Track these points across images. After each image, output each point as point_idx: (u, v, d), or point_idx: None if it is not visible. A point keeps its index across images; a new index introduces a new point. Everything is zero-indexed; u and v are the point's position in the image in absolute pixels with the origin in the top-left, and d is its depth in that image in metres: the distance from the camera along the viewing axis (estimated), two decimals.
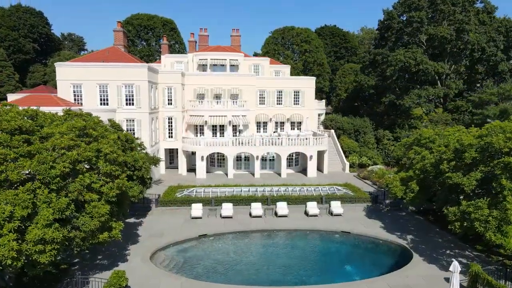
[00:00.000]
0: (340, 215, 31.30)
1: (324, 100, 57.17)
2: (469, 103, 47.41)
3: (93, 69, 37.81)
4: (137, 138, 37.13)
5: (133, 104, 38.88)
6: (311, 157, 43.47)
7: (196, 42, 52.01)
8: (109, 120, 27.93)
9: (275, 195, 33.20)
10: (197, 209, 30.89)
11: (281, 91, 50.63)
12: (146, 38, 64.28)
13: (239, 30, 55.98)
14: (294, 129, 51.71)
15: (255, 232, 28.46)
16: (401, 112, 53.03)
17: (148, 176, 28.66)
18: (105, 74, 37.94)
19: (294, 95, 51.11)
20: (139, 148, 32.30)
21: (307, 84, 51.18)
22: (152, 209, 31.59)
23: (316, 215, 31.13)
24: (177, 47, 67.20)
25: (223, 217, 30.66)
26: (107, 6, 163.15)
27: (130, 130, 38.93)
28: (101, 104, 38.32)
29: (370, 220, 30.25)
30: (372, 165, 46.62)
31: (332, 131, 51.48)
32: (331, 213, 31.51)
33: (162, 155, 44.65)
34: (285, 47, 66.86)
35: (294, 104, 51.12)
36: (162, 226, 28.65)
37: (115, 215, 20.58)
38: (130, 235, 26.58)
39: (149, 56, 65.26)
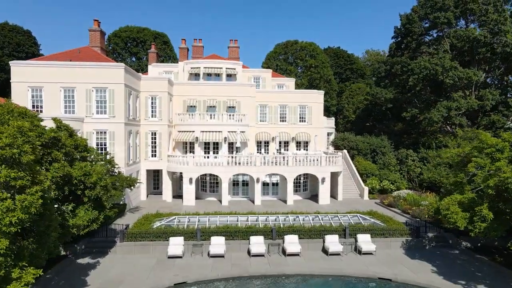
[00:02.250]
0: (371, 253, 22.71)
1: (333, 118, 49.58)
2: (504, 117, 39.84)
3: (57, 69, 30.31)
4: (106, 153, 29.19)
5: (105, 112, 31.13)
6: (323, 180, 35.22)
7: (188, 49, 45.01)
8: (54, 119, 19.91)
9: (281, 225, 24.74)
10: (176, 244, 22.34)
11: (285, 106, 43.14)
12: (135, 52, 57.48)
13: (237, 41, 49.14)
14: (299, 149, 43.78)
15: (256, 279, 19.79)
16: (423, 130, 45.28)
17: (107, 197, 20.34)
18: (72, 76, 30.39)
19: (300, 111, 43.59)
20: (101, 162, 24.23)
21: (315, 98, 43.75)
22: (116, 244, 22.98)
23: (339, 254, 22.55)
24: (170, 62, 60.46)
25: (212, 256, 22.11)
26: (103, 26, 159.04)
27: (101, 145, 30.92)
28: (66, 112, 30.52)
29: (415, 261, 21.64)
30: (395, 190, 38.26)
31: (345, 151, 43.46)
32: (358, 251, 22.93)
33: (143, 177, 36.40)
34: (288, 62, 60.09)
35: (300, 121, 43.49)
36: (124, 269, 20.02)
37: (22, 258, 12.14)
38: (73, 285, 17.95)
39: (138, 71, 58.46)
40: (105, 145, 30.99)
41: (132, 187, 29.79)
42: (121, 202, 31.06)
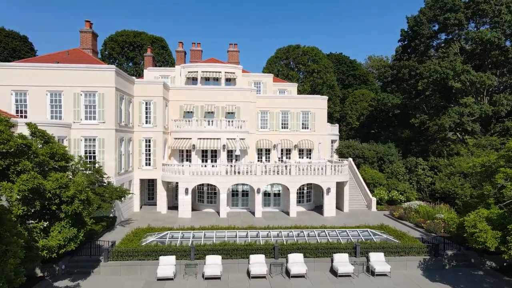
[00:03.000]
0: (386, 274, 20.17)
1: (337, 125, 47.25)
2: None
3: (43, 71, 28.08)
4: (95, 162, 26.89)
5: (94, 118, 28.82)
6: (328, 190, 32.75)
7: (185, 53, 42.83)
8: (28, 125, 17.55)
9: (285, 242, 22.24)
10: (167, 264, 19.85)
11: (287, 113, 40.86)
12: (132, 56, 55.32)
13: (237, 45, 47.00)
14: (302, 157, 41.39)
15: None
16: (432, 137, 42.88)
17: (88, 212, 17.89)
18: (59, 79, 28.16)
19: (303, 117, 41.31)
20: (88, 171, 21.95)
21: (318, 104, 41.49)
22: (100, 264, 20.45)
23: (349, 275, 20.03)
24: (168, 67, 58.28)
25: (207, 278, 19.58)
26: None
27: (90, 152, 28.57)
28: (52, 117, 28.24)
29: (435, 284, 19.05)
30: (405, 201, 35.77)
31: (350, 159, 41.04)
32: (371, 272, 20.40)
33: (136, 187, 33.99)
34: (289, 67, 57.92)
35: (302, 128, 41.20)
36: None
37: None
38: None
39: (136, 76, 56.30)
40: (94, 153, 28.63)
41: (122, 199, 27.43)
42: (110, 215, 28.65)
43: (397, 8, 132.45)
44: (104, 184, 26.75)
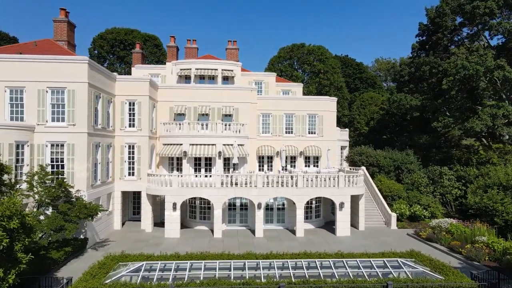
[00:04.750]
0: None
1: (347, 130, 42.18)
2: None
3: (1, 64, 23.11)
4: (59, 173, 21.87)
5: (63, 119, 23.79)
6: (341, 205, 27.52)
7: (177, 48, 37.86)
8: None
9: (293, 279, 16.96)
10: None
11: (292, 116, 35.88)
12: (123, 56, 50.45)
13: (236, 42, 42.07)
14: (309, 165, 36.31)
15: None
16: (456, 144, 37.67)
17: (23, 244, 12.76)
18: (21, 73, 23.18)
19: (309, 120, 36.33)
20: (51, 184, 17.00)
21: (327, 106, 36.47)
22: None
23: None
24: (159, 65, 53.42)
25: None
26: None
27: (57, 161, 23.46)
28: (13, 118, 23.25)
29: None
30: (429, 217, 30.50)
31: (363, 168, 35.83)
32: None
33: (117, 201, 28.87)
34: (293, 67, 52.95)
35: (309, 132, 36.16)
36: None
37: None
38: None
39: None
40: (62, 161, 23.53)
41: (93, 217, 22.29)
42: (81, 236, 23.51)
43: (406, 9, 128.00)
44: (72, 200, 21.73)
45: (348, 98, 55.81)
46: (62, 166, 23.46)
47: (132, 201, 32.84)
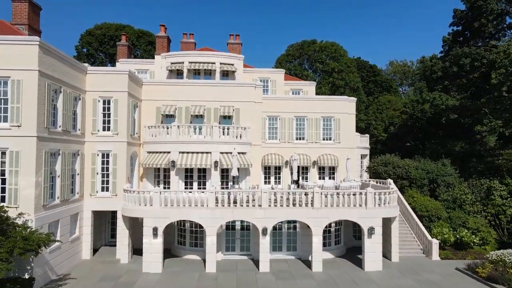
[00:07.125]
0: None
1: (367, 136, 35.95)
2: None
3: None
4: None
5: (6, 120, 17.88)
6: (371, 231, 21.09)
7: (169, 40, 31.97)
8: None
9: None
10: None
11: (303, 119, 29.77)
12: (112, 53, 44.88)
13: (239, 37, 36.24)
14: (323, 178, 30.11)
15: None
16: (498, 153, 31.17)
17: None
18: None
19: (324, 125, 30.18)
20: None
21: (345, 107, 30.32)
22: None
23: None
24: (147, 59, 47.73)
25: None
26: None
27: None
28: None
29: None
30: (481, 245, 23.91)
31: (390, 181, 29.32)
32: None
33: (86, 222, 22.77)
34: (303, 66, 46.94)
35: (323, 139, 30.00)
36: None
37: None
38: None
39: None
40: (3, 174, 17.56)
41: (37, 253, 16.18)
42: (26, 275, 17.34)
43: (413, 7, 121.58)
44: (8, 228, 15.69)
45: (366, 101, 49.55)
46: (3, 181, 17.47)
47: (109, 221, 26.69)
